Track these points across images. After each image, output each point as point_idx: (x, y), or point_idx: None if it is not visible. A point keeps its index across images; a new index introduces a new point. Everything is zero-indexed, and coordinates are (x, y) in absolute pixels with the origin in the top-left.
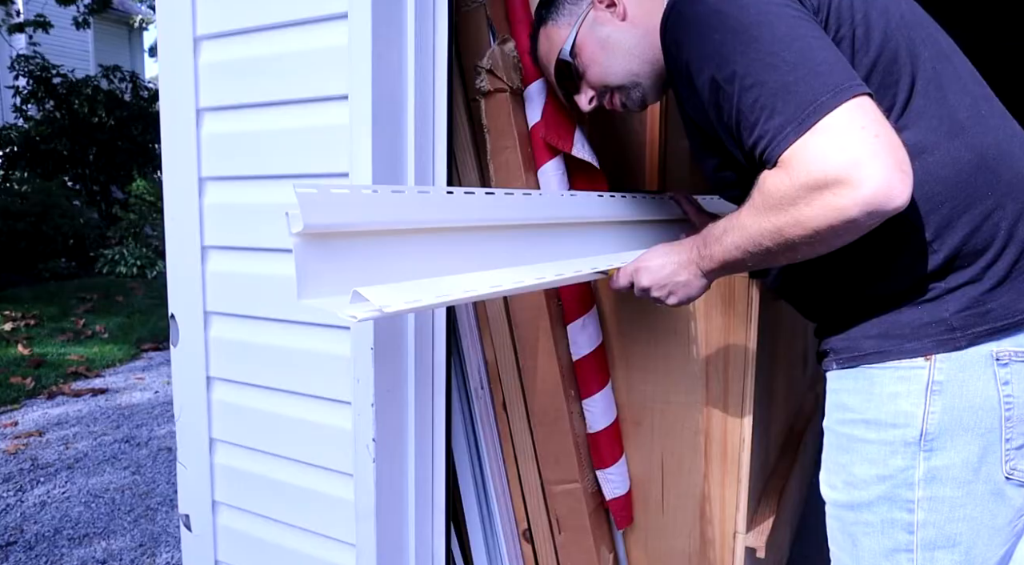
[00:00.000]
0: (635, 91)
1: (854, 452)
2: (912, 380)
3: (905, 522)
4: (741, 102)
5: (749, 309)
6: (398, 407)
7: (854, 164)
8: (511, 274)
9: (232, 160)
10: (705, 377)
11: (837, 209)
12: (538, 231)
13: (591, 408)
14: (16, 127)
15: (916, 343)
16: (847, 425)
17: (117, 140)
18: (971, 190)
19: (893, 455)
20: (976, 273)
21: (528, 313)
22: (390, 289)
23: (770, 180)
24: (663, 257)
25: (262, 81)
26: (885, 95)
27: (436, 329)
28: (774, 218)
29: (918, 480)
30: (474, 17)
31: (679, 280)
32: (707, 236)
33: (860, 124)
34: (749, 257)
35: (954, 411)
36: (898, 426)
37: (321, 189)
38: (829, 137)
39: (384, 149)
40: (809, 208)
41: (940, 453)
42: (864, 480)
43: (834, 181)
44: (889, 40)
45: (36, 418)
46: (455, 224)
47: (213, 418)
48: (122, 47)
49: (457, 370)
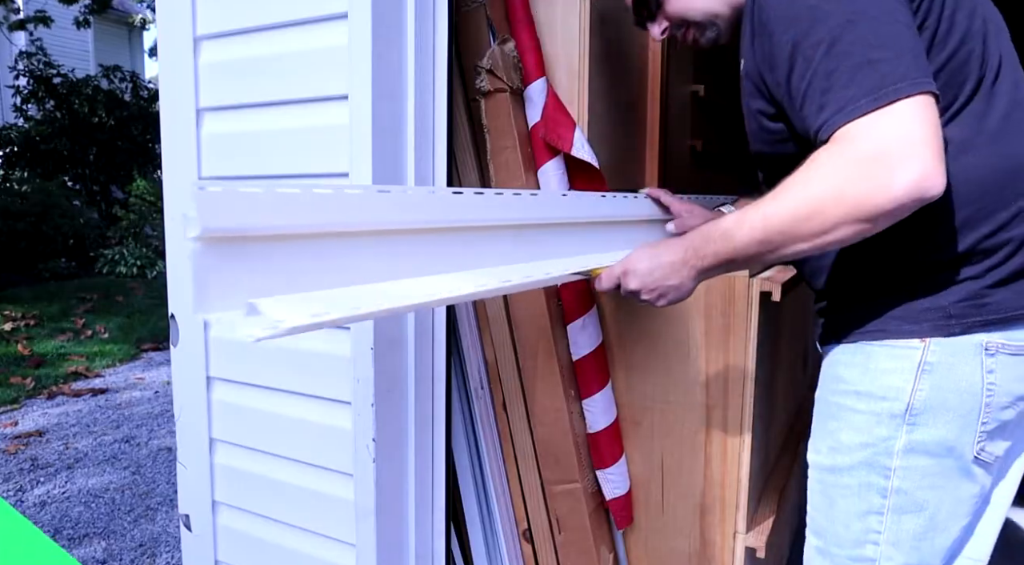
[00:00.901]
0: (710, 30)
1: (842, 420)
2: (905, 358)
3: (880, 487)
4: (820, 67)
5: (749, 309)
6: (398, 407)
7: (911, 147)
8: (459, 279)
9: (232, 160)
10: (705, 377)
11: (885, 186)
12: (510, 232)
13: (591, 408)
14: (16, 127)
15: (914, 325)
16: (839, 395)
17: (117, 140)
18: (998, 195)
19: (878, 425)
20: (981, 271)
21: (528, 313)
22: (294, 301)
23: (824, 154)
24: (652, 259)
25: (262, 81)
26: (947, 92)
27: (436, 329)
28: (818, 190)
29: (898, 450)
30: (474, 17)
31: (671, 283)
32: (707, 235)
33: (924, 117)
34: (763, 250)
35: (940, 391)
36: (887, 399)
37: (228, 189)
38: (896, 119)
39: (384, 149)
40: (859, 182)
41: (921, 428)
42: (848, 446)
43: (891, 158)
44: (966, 43)
45: (36, 418)
46: (402, 226)
47: (213, 418)
48: (122, 47)
49: (457, 370)
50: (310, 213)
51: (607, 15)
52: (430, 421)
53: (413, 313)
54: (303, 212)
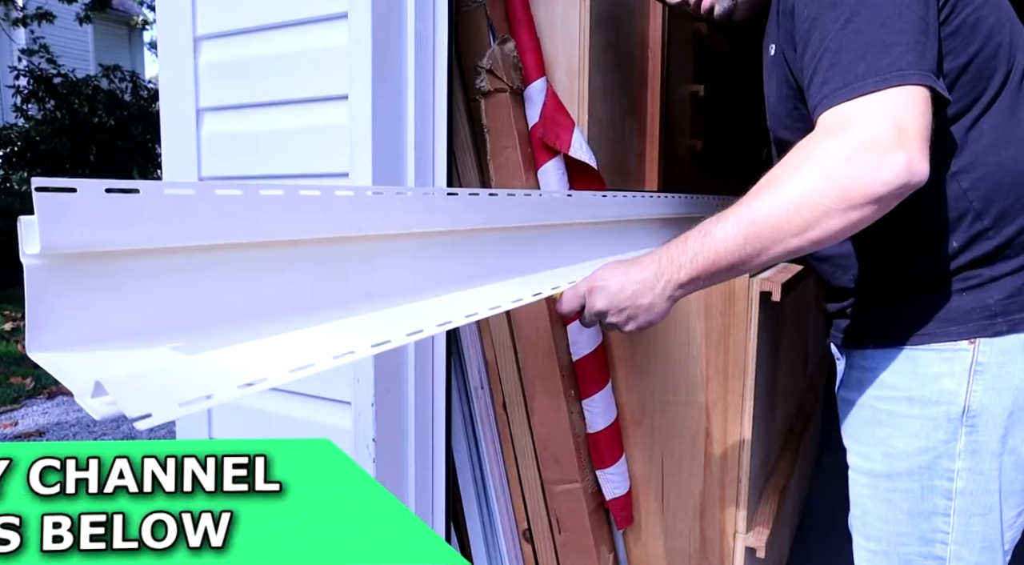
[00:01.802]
0: (727, 0)
1: (894, 426)
2: (956, 361)
3: (944, 490)
4: (832, 42)
5: (749, 309)
6: (398, 407)
7: (901, 134)
8: (385, 321)
9: (232, 160)
10: (705, 377)
11: (874, 171)
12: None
13: (591, 408)
14: (16, 127)
15: (961, 327)
16: (887, 402)
17: (117, 140)
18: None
19: (936, 429)
20: (1020, 264)
21: (528, 313)
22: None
23: (812, 140)
24: (622, 276)
25: (262, 81)
26: (977, 85)
27: None
28: (806, 177)
29: (959, 452)
30: (474, 17)
31: (642, 303)
32: (685, 239)
33: (918, 108)
34: (749, 249)
35: (993, 391)
36: (942, 403)
37: (86, 189)
38: (890, 106)
39: (384, 149)
40: (847, 166)
41: (980, 429)
42: (906, 452)
43: (881, 144)
44: (993, 36)
45: (36, 418)
46: (308, 236)
47: (213, 418)
48: (122, 47)
49: (457, 370)
50: (211, 222)
51: (607, 15)
52: (430, 421)
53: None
54: (199, 221)
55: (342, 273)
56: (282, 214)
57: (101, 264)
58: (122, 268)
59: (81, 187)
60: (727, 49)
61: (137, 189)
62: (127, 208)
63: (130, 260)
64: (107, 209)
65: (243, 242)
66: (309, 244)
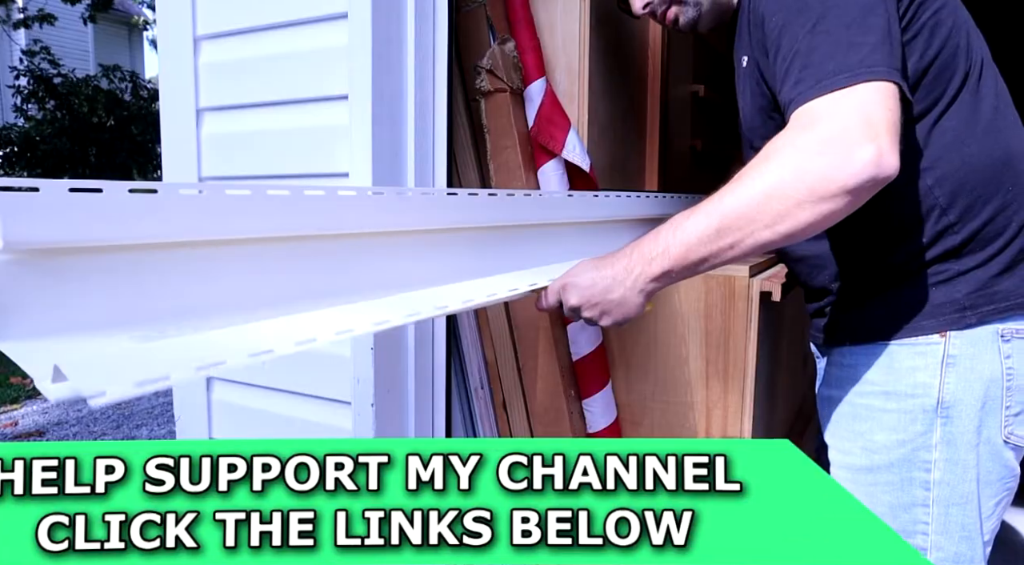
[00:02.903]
0: (691, 10)
1: (872, 421)
2: (928, 355)
3: (923, 481)
4: (802, 44)
5: (749, 309)
6: (398, 407)
7: (871, 128)
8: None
9: (232, 160)
10: (705, 377)
11: (844, 163)
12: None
13: (591, 408)
14: (16, 127)
15: (932, 321)
16: (865, 396)
17: (117, 140)
18: (997, 183)
19: (913, 422)
20: (985, 258)
21: (528, 313)
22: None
23: (784, 134)
24: (593, 271)
25: (262, 81)
26: (938, 85)
27: (436, 329)
28: (777, 169)
29: (935, 443)
30: (474, 17)
31: (612, 298)
32: (656, 233)
33: (886, 103)
34: (721, 242)
35: (965, 382)
36: (916, 396)
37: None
38: (859, 101)
39: (384, 149)
40: (818, 158)
41: (954, 420)
42: (884, 445)
43: (851, 136)
44: (952, 38)
45: (36, 418)
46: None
47: (213, 418)
48: (122, 47)
49: (457, 370)
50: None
51: (607, 15)
52: (430, 421)
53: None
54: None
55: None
56: (249, 211)
57: (64, 259)
58: (85, 263)
59: (44, 187)
60: (727, 49)
61: (100, 189)
62: (90, 207)
63: (94, 256)
64: (70, 208)
65: (206, 239)
66: (276, 242)
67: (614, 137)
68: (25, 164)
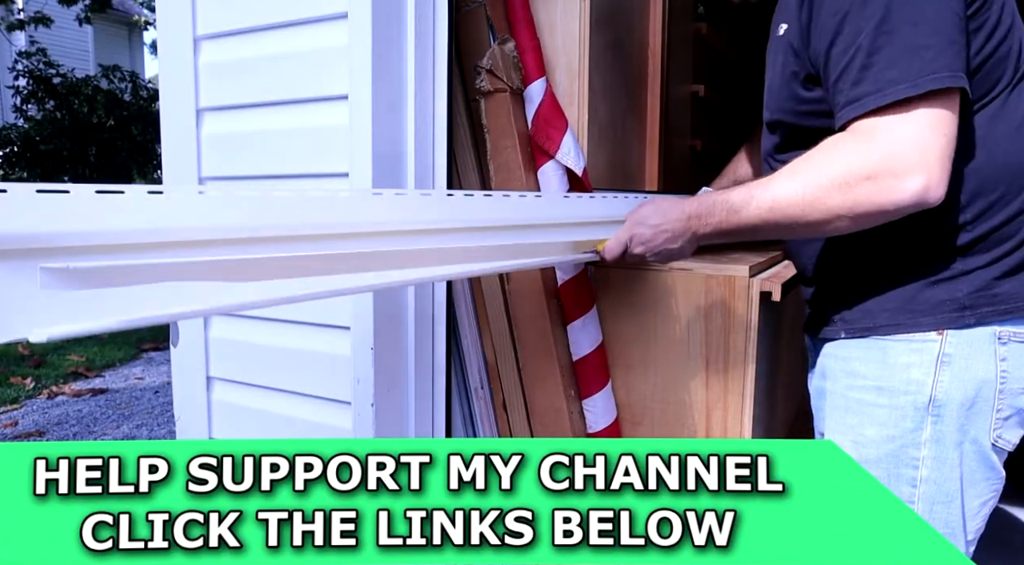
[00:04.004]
0: None
1: (863, 415)
2: (924, 352)
3: (910, 477)
4: (865, 42)
5: (749, 309)
6: (398, 407)
7: (923, 157)
8: None
9: (232, 160)
10: (705, 377)
11: (892, 191)
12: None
13: (591, 408)
14: (16, 127)
15: (931, 318)
16: (857, 391)
17: (117, 140)
18: (1020, 186)
19: (903, 419)
20: (991, 259)
21: (528, 313)
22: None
23: (842, 145)
24: (655, 226)
25: (262, 81)
26: (985, 83)
27: (436, 329)
28: (828, 182)
29: (924, 440)
30: (474, 17)
31: (673, 247)
32: (712, 206)
33: (943, 127)
34: (765, 229)
35: (959, 381)
36: (909, 393)
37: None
38: (917, 125)
39: (384, 149)
40: (868, 182)
41: (945, 418)
42: (874, 440)
43: (903, 164)
44: (1007, 39)
45: (36, 418)
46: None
47: (213, 418)
48: (122, 47)
49: (457, 370)
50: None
51: (607, 15)
52: (430, 421)
53: (414, 314)
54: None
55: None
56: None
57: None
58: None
59: (10, 188)
60: (727, 49)
61: (67, 190)
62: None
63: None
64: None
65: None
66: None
67: (614, 137)
68: (25, 164)
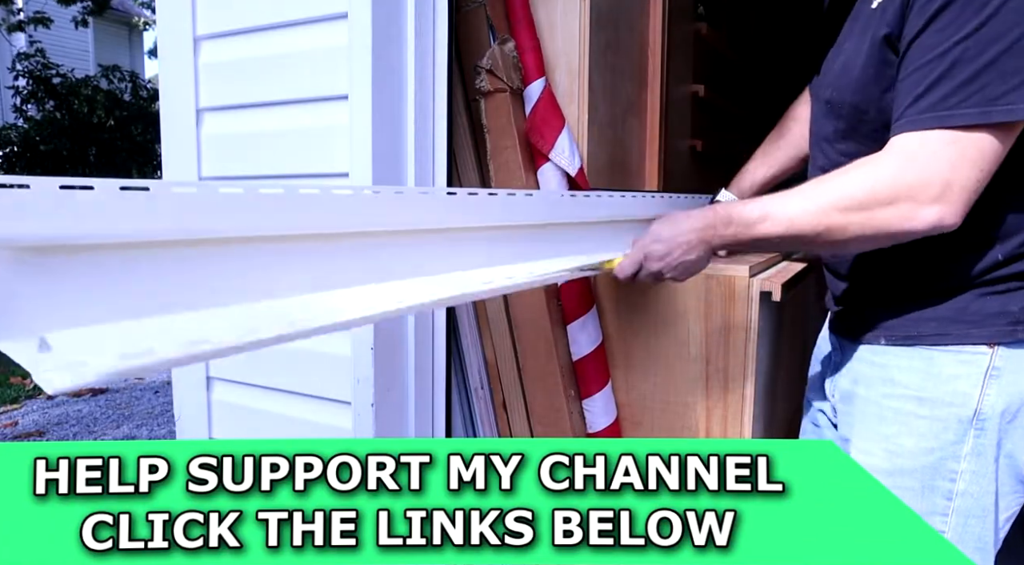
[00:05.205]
0: None
1: (901, 424)
2: (973, 364)
3: (946, 490)
4: (954, 51)
5: (749, 309)
6: (398, 407)
7: (949, 190)
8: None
9: (232, 160)
10: (705, 377)
11: (908, 219)
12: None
13: (591, 408)
14: (16, 127)
15: (983, 330)
16: (896, 399)
17: (117, 140)
18: None
19: (945, 430)
20: None
21: (528, 313)
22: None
23: (875, 167)
24: (668, 239)
25: (262, 81)
26: None
27: (436, 329)
28: (850, 205)
29: (965, 454)
30: (474, 17)
31: (690, 259)
32: (728, 218)
33: (985, 163)
34: (778, 244)
35: (1005, 397)
36: (954, 405)
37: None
38: (958, 158)
39: (384, 149)
40: (888, 209)
41: (987, 433)
42: (911, 451)
43: (927, 194)
44: None
45: (36, 418)
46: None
47: (213, 418)
48: (122, 47)
49: (457, 370)
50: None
51: (607, 15)
52: (430, 421)
53: (414, 314)
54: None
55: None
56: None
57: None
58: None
59: (34, 184)
60: (727, 49)
61: (92, 186)
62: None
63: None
64: (61, 205)
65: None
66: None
67: (614, 137)
68: (25, 164)
